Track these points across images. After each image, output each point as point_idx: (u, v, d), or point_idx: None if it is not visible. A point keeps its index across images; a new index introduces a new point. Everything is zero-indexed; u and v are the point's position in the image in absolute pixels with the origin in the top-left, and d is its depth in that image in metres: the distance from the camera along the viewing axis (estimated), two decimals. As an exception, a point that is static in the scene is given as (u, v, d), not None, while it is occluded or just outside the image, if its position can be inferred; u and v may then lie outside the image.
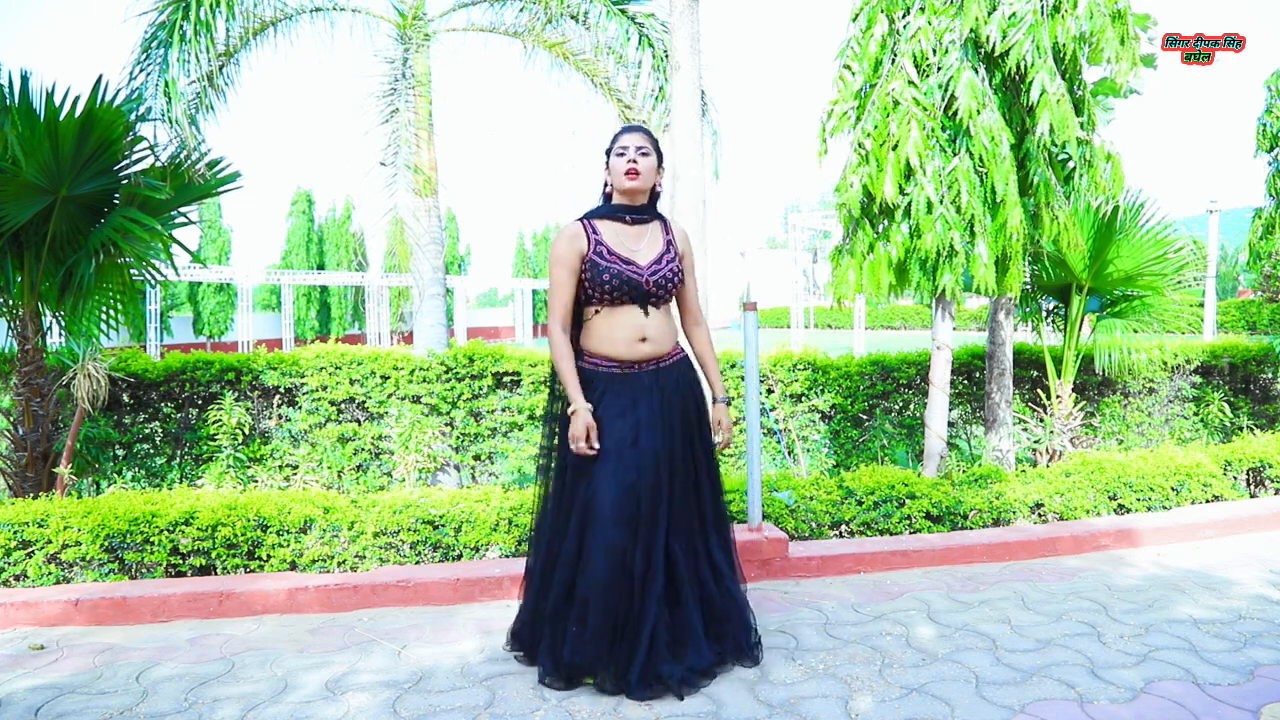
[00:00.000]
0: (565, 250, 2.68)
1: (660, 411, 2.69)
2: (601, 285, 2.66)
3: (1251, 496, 4.94)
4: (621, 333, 2.69)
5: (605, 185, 2.81)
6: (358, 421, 5.51)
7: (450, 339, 6.32)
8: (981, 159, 4.30)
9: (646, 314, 2.71)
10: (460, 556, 3.68)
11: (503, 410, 5.58)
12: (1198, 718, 2.38)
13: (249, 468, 5.28)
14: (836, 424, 5.91)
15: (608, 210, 2.76)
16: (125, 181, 4.41)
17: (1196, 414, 6.42)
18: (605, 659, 2.55)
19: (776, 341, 10.88)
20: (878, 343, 14.27)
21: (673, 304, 2.86)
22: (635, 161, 2.68)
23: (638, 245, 2.73)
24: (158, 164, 4.60)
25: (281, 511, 3.66)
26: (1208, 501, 4.63)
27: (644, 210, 2.77)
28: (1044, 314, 5.92)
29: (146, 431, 5.27)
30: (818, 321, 45.54)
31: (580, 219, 2.76)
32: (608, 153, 2.77)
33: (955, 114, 4.29)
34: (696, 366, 2.94)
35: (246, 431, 5.27)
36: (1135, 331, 5.56)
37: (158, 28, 5.29)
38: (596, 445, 2.60)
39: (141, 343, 20.67)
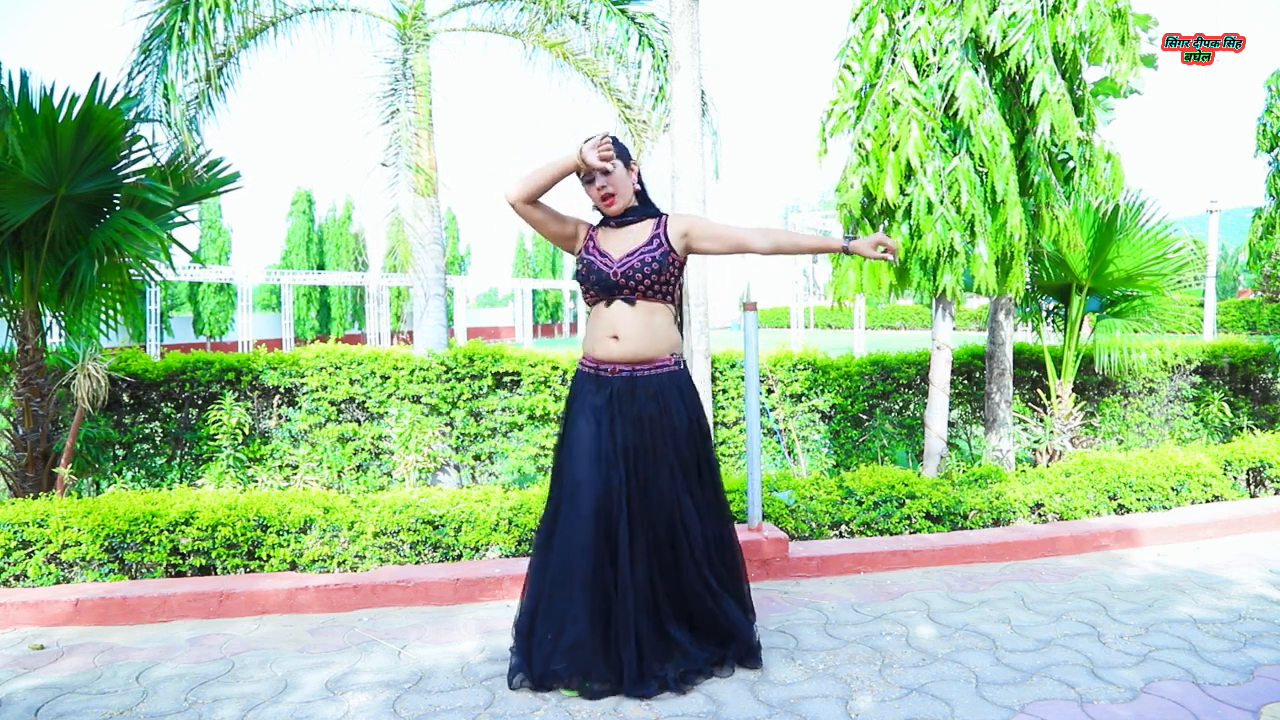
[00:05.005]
0: (570, 217, 2.78)
1: (632, 422, 2.63)
2: (579, 277, 2.76)
3: (1251, 496, 4.94)
4: (597, 329, 2.71)
5: (594, 204, 2.82)
6: (358, 421, 5.51)
7: (450, 339, 6.32)
8: (982, 159, 4.30)
9: (618, 308, 2.67)
10: (460, 556, 3.68)
11: (503, 410, 5.58)
12: (1198, 718, 2.38)
13: (249, 468, 5.28)
14: (836, 424, 5.92)
15: (602, 219, 2.82)
16: (125, 182, 4.42)
17: (1196, 414, 6.42)
18: (586, 668, 2.53)
19: (776, 341, 10.87)
20: (878, 343, 14.27)
21: (670, 309, 2.75)
22: (604, 187, 2.69)
23: (621, 243, 2.73)
24: (157, 164, 4.61)
25: (281, 511, 3.66)
26: (1208, 501, 4.63)
27: (629, 215, 2.75)
28: (1044, 314, 5.92)
29: (146, 431, 5.28)
30: (818, 321, 45.54)
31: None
32: (579, 176, 2.72)
33: (955, 114, 4.29)
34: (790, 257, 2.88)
35: (246, 431, 5.27)
36: (1135, 331, 5.56)
37: (156, 30, 5.28)
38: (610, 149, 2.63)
39: (141, 343, 20.67)
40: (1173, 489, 4.55)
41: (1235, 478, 4.93)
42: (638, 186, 2.78)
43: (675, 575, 2.68)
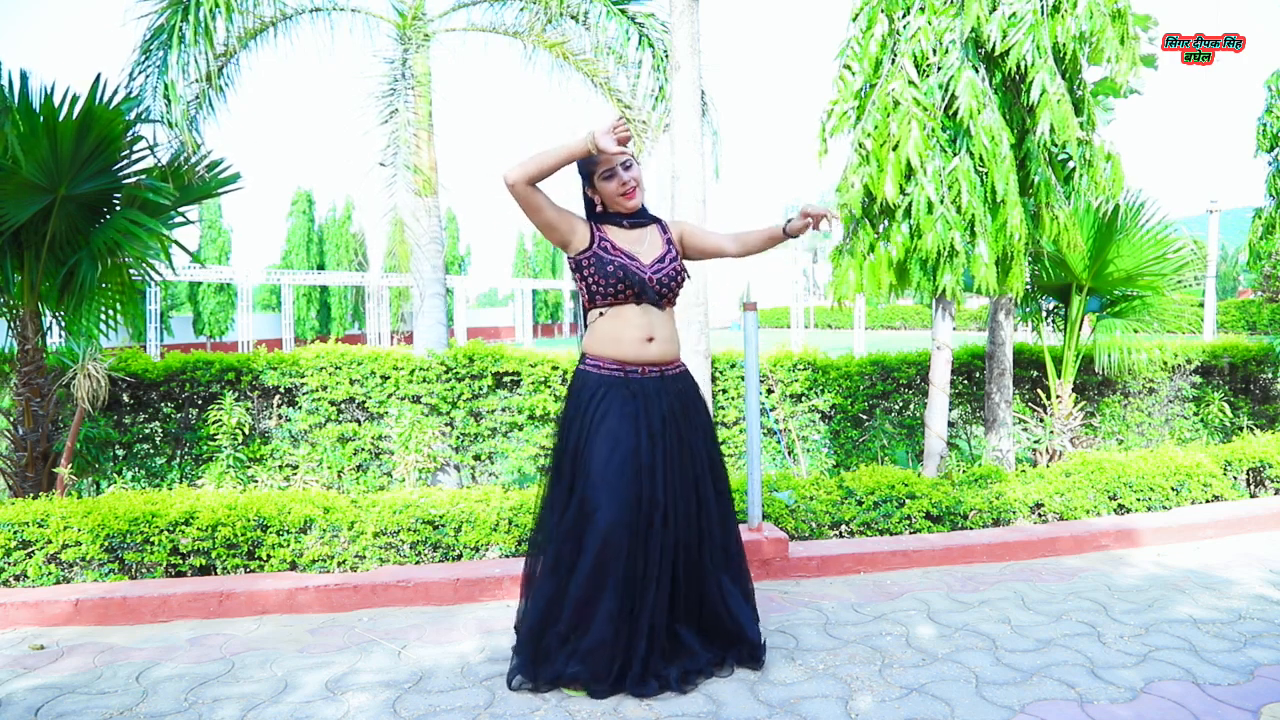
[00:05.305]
0: (566, 210, 2.67)
1: (666, 421, 2.64)
2: (605, 278, 2.62)
3: (1251, 496, 4.94)
4: (628, 331, 2.65)
5: (596, 205, 2.74)
6: (358, 421, 5.51)
7: (450, 339, 6.32)
8: (982, 159, 4.30)
9: (650, 311, 2.67)
10: (460, 556, 3.68)
11: (503, 410, 5.58)
12: (1198, 718, 2.38)
13: (249, 468, 5.28)
14: (836, 424, 5.92)
15: (604, 218, 2.74)
16: (126, 182, 4.42)
17: (1196, 414, 6.42)
18: (602, 671, 2.52)
19: (776, 341, 10.87)
20: (878, 343, 14.27)
21: (678, 311, 2.82)
22: (627, 183, 2.65)
23: (639, 246, 2.72)
24: (158, 164, 4.61)
25: (281, 511, 3.66)
26: (1208, 501, 4.63)
27: (639, 215, 2.74)
28: (1044, 314, 5.92)
29: (146, 431, 5.28)
30: (818, 321, 45.55)
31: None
32: (588, 174, 2.68)
33: (955, 114, 4.29)
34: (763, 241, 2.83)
35: (246, 431, 5.27)
36: (1135, 331, 5.56)
37: (157, 30, 5.28)
38: (627, 130, 2.49)
39: (141, 343, 20.66)
40: (1173, 489, 4.55)
41: (1235, 478, 4.93)
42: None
43: (697, 575, 2.68)
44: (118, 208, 4.52)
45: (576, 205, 2.78)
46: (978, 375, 6.01)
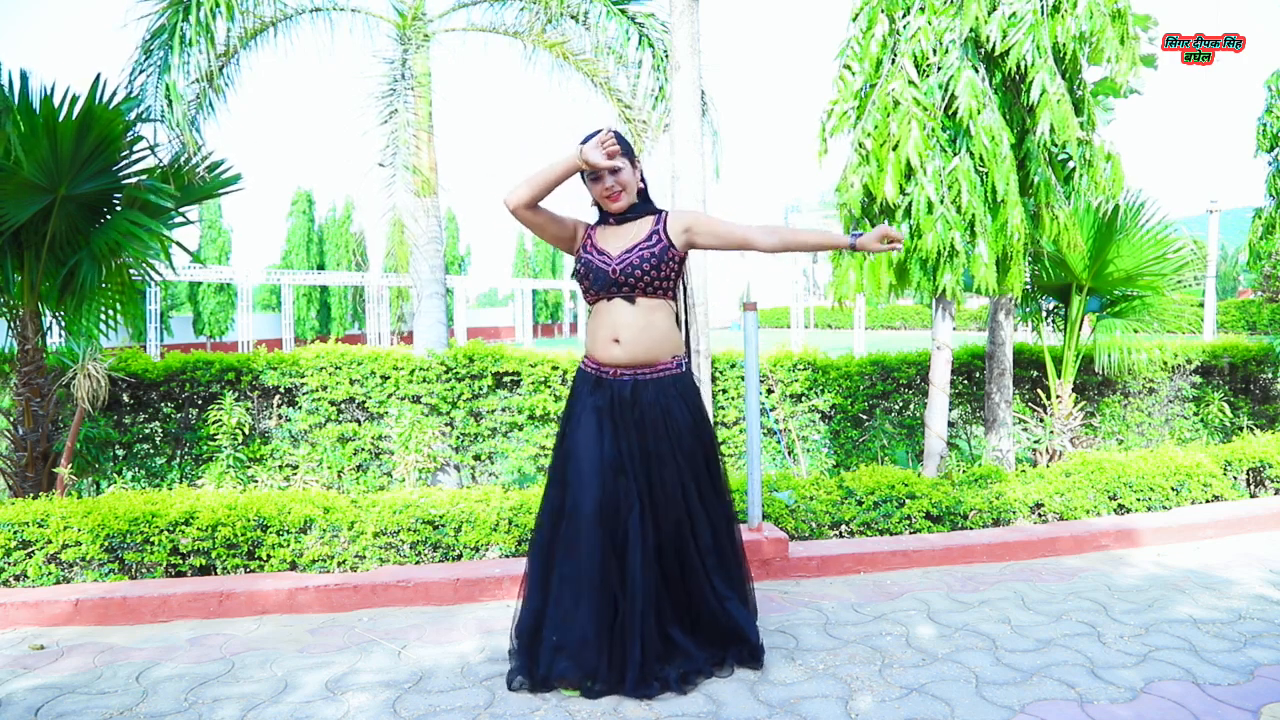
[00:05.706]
0: (568, 218, 2.78)
1: (636, 428, 2.63)
2: (579, 278, 2.73)
3: (1251, 496, 4.94)
4: (599, 330, 2.69)
5: (593, 200, 2.81)
6: (358, 421, 5.51)
7: (450, 339, 6.32)
8: (982, 159, 4.30)
9: (619, 307, 2.65)
10: (460, 556, 3.69)
11: (503, 410, 5.58)
12: (1198, 718, 2.38)
13: (249, 468, 5.28)
14: (836, 424, 5.92)
15: (601, 218, 2.81)
16: (126, 182, 4.42)
17: (1196, 414, 6.42)
18: (591, 669, 2.53)
19: (776, 341, 10.87)
20: (878, 343, 14.27)
21: (670, 306, 2.72)
22: (611, 187, 2.68)
23: (619, 241, 2.71)
24: (159, 165, 4.61)
25: (281, 511, 3.66)
26: (1208, 501, 4.63)
27: (629, 211, 2.74)
28: (1044, 314, 5.92)
29: (146, 431, 5.28)
30: (818, 321, 45.55)
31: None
32: (581, 174, 2.71)
33: (955, 114, 4.29)
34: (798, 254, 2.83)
35: (246, 431, 5.27)
36: (1135, 331, 5.56)
37: (157, 30, 5.27)
38: (616, 146, 2.58)
39: (141, 343, 20.65)
40: (1173, 489, 4.55)
41: (1235, 478, 4.93)
42: (641, 184, 2.77)
43: (680, 579, 2.68)
44: (118, 208, 4.52)
45: (587, 202, 2.86)
46: (978, 375, 6.01)
